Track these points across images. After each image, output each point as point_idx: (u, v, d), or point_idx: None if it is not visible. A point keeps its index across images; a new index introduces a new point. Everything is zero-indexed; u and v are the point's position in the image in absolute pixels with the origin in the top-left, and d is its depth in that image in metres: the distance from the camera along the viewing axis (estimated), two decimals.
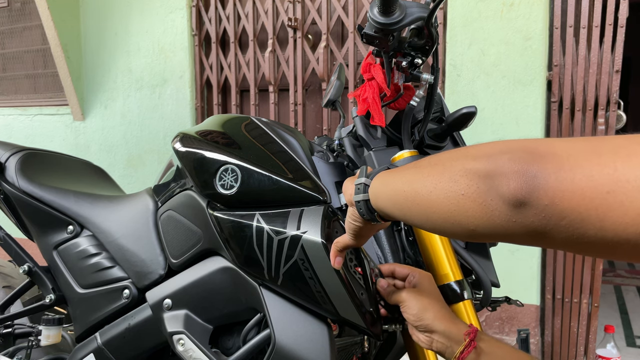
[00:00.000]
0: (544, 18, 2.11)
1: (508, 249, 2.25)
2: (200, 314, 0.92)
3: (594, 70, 2.06)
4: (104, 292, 1.08)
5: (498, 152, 0.43)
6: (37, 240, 1.23)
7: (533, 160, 0.40)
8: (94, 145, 3.28)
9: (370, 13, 0.80)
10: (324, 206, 0.82)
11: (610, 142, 0.38)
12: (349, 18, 2.47)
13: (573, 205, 0.37)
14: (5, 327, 1.29)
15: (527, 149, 0.41)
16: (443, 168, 0.49)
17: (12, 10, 3.49)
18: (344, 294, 0.77)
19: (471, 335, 0.68)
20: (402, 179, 0.56)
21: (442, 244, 0.85)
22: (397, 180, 0.57)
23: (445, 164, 0.49)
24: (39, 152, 1.34)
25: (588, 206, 0.37)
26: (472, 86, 2.25)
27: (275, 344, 0.80)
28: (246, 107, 2.91)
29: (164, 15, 2.94)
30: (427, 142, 0.93)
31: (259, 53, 2.74)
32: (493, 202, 0.43)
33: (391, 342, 1.06)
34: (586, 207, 0.37)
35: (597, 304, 2.20)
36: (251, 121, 0.97)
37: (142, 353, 1.03)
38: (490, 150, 0.44)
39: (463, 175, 0.46)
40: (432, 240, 0.86)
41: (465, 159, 0.47)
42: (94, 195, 1.21)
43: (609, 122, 2.06)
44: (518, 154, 0.41)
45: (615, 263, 3.88)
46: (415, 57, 0.87)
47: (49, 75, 3.44)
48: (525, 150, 0.41)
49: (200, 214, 0.91)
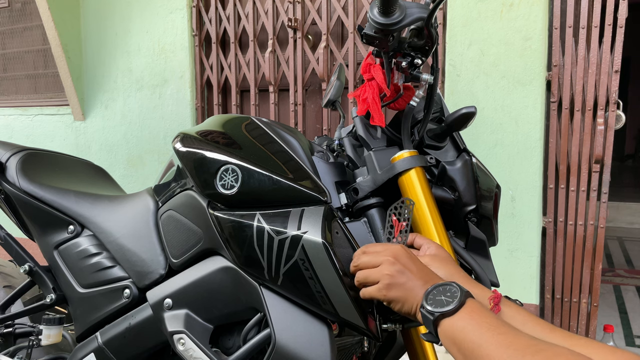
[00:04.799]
0: (543, 18, 2.11)
1: (507, 248, 2.25)
2: (201, 313, 0.93)
3: (593, 70, 2.07)
4: (105, 291, 1.08)
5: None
6: (38, 240, 1.23)
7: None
8: (94, 145, 3.28)
9: (370, 13, 0.80)
10: (325, 206, 0.82)
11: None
12: (349, 18, 2.47)
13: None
14: (6, 326, 1.30)
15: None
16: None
17: (12, 11, 3.49)
18: (344, 294, 0.77)
19: (495, 300, 0.70)
20: (495, 342, 0.57)
21: (442, 243, 0.85)
22: (488, 339, 0.58)
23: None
24: (39, 152, 1.34)
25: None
26: (472, 86, 2.25)
27: (275, 344, 0.81)
28: (246, 107, 2.91)
29: (164, 16, 2.94)
30: (427, 142, 0.94)
31: (259, 53, 2.74)
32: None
33: (391, 342, 1.06)
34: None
35: (596, 304, 2.21)
36: (251, 121, 0.98)
37: (142, 352, 1.03)
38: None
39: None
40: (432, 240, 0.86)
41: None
42: (94, 195, 1.21)
43: (608, 122, 2.06)
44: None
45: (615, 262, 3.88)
46: (415, 58, 0.87)
47: (49, 76, 3.44)
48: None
49: (200, 213, 0.92)
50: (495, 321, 0.61)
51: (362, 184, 0.90)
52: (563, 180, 2.18)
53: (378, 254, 0.75)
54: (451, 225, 0.93)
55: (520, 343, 0.56)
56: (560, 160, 2.17)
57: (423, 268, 0.73)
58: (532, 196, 2.20)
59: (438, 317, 0.63)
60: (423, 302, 0.66)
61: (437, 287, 0.67)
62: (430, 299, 0.66)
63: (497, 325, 0.60)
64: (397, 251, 0.74)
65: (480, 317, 0.61)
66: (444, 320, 0.63)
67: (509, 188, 2.21)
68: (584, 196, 2.15)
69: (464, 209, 0.91)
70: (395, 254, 0.73)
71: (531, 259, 2.23)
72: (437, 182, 0.94)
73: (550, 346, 0.54)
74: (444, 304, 0.64)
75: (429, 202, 0.86)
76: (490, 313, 0.63)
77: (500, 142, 2.22)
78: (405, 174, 0.87)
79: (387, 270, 0.72)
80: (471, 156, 0.93)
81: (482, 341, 0.58)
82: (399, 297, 0.70)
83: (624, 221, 5.09)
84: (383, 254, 0.74)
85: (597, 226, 2.15)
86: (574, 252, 2.19)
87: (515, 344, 0.56)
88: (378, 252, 0.75)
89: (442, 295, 0.65)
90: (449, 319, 0.63)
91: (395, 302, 0.71)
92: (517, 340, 0.56)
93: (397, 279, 0.71)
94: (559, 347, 0.53)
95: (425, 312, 0.65)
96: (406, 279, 0.70)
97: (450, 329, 0.62)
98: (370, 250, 0.77)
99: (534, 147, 2.17)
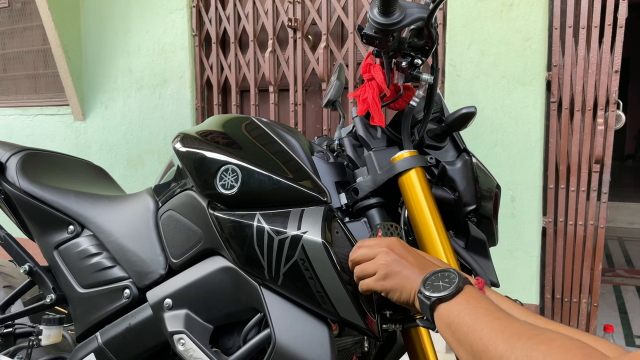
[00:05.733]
0: (543, 18, 2.11)
1: (507, 248, 2.25)
2: (201, 313, 0.93)
3: (593, 70, 2.07)
4: (105, 291, 1.09)
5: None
6: (38, 240, 1.23)
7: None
8: (94, 145, 3.28)
9: (370, 13, 0.80)
10: (325, 206, 0.82)
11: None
12: (348, 18, 2.47)
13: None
14: (6, 326, 1.30)
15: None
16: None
17: (12, 11, 3.49)
18: (344, 294, 0.77)
19: (479, 285, 0.72)
20: (488, 325, 0.58)
21: (442, 243, 0.85)
22: (482, 323, 0.58)
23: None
24: (39, 152, 1.34)
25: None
26: (472, 86, 2.25)
27: (275, 344, 0.81)
28: (246, 107, 2.91)
29: (164, 16, 2.94)
30: (427, 142, 0.94)
31: (259, 53, 2.74)
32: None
33: (391, 342, 1.06)
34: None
35: (596, 304, 2.21)
36: (251, 121, 0.98)
37: (142, 353, 1.03)
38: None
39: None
40: (432, 240, 0.86)
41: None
42: (94, 195, 1.21)
43: (608, 122, 2.06)
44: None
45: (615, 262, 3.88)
46: (415, 58, 0.87)
47: (49, 76, 3.44)
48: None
49: (200, 213, 0.92)
50: (492, 307, 0.61)
51: (362, 184, 0.90)
52: (563, 180, 2.18)
53: (373, 246, 0.75)
54: (451, 225, 0.93)
55: (515, 328, 0.55)
56: (560, 160, 2.17)
57: (419, 257, 0.74)
58: (532, 196, 2.20)
59: (435, 302, 0.64)
60: (421, 288, 0.66)
61: (436, 274, 0.67)
62: (428, 285, 0.66)
63: (493, 311, 0.60)
64: (392, 242, 0.75)
65: (477, 302, 0.62)
66: (440, 305, 0.63)
67: (509, 188, 2.21)
68: (584, 196, 2.15)
69: (464, 209, 0.91)
70: (390, 245, 0.74)
71: (531, 259, 2.23)
72: (437, 182, 0.94)
73: (544, 331, 0.54)
74: (442, 289, 0.64)
75: (429, 202, 0.86)
76: (488, 299, 0.63)
77: (500, 142, 2.22)
78: (405, 174, 0.87)
79: (382, 260, 0.72)
80: (471, 156, 0.93)
81: (476, 325, 0.58)
82: (396, 285, 0.71)
83: (624, 221, 5.09)
84: (378, 246, 0.75)
85: (597, 226, 2.15)
86: (574, 252, 2.19)
87: (509, 328, 0.55)
88: (373, 245, 0.76)
89: (440, 281, 0.65)
90: (445, 304, 0.63)
91: (393, 291, 0.71)
92: (512, 325, 0.56)
93: (393, 267, 0.71)
94: (553, 333, 0.53)
95: (422, 297, 0.65)
96: (402, 267, 0.71)
97: (446, 312, 0.62)
98: (365, 244, 0.77)
99: (534, 147, 2.17)
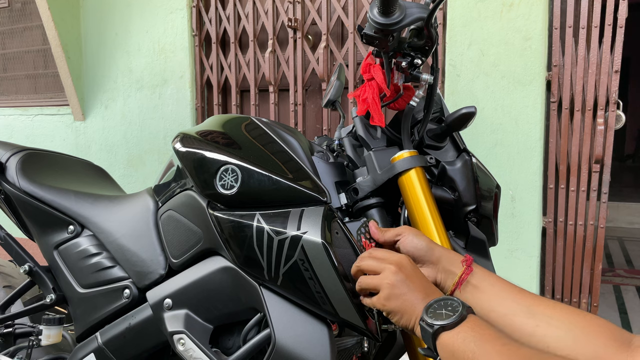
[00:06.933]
0: (543, 18, 2.11)
1: (507, 248, 2.25)
2: (201, 313, 0.93)
3: (593, 70, 2.07)
4: (105, 291, 1.09)
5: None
6: (38, 240, 1.23)
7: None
8: (94, 145, 3.28)
9: (370, 13, 0.80)
10: (324, 206, 0.82)
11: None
12: (349, 18, 2.47)
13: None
14: (6, 326, 1.30)
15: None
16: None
17: (12, 11, 3.49)
18: (343, 294, 0.77)
19: (467, 262, 0.74)
20: (496, 351, 0.57)
21: (442, 243, 0.85)
22: (489, 350, 0.58)
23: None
24: (39, 152, 1.34)
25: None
26: (472, 86, 2.25)
27: (275, 344, 0.81)
28: (246, 107, 2.91)
29: (164, 16, 2.94)
30: (427, 142, 0.94)
31: (259, 53, 2.74)
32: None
33: (390, 342, 1.06)
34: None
35: (596, 304, 2.21)
36: (251, 121, 0.98)
37: (142, 353, 1.03)
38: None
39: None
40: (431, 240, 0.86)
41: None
42: (94, 195, 1.21)
43: (608, 122, 2.06)
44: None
45: (615, 262, 3.88)
46: (414, 58, 0.87)
47: (49, 76, 3.44)
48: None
49: (200, 214, 0.92)
50: (497, 334, 0.60)
51: (362, 184, 0.90)
52: (563, 180, 2.18)
53: (382, 260, 0.74)
54: (451, 225, 0.93)
55: (523, 353, 0.55)
56: (560, 160, 2.17)
57: (425, 281, 0.73)
58: (532, 196, 2.20)
59: (438, 330, 0.62)
60: (423, 315, 0.65)
61: (439, 301, 0.66)
62: (430, 312, 0.65)
63: (498, 337, 0.59)
64: (402, 261, 0.73)
65: (482, 329, 0.61)
66: (443, 334, 0.62)
67: (509, 188, 2.21)
68: (584, 196, 2.15)
69: (464, 209, 0.91)
70: (399, 263, 0.72)
71: (531, 259, 2.23)
72: (437, 182, 0.94)
73: (551, 357, 0.54)
74: (444, 317, 0.63)
75: (429, 202, 0.86)
76: (492, 327, 0.62)
77: (500, 142, 2.22)
78: (405, 174, 0.87)
79: (388, 279, 0.71)
80: (471, 156, 0.93)
81: (482, 351, 0.57)
82: (398, 309, 0.70)
83: (624, 221, 5.09)
84: (387, 261, 0.73)
85: (597, 226, 2.15)
86: (574, 252, 2.19)
87: (516, 355, 0.55)
88: (382, 259, 0.74)
89: (443, 309, 0.64)
90: (449, 332, 0.62)
91: (394, 313, 0.70)
92: (519, 352, 0.55)
93: (398, 289, 0.70)
94: (558, 357, 0.53)
95: (424, 324, 0.64)
96: (407, 289, 0.70)
97: (450, 340, 0.61)
98: (375, 254, 0.76)
99: (534, 147, 2.17)
